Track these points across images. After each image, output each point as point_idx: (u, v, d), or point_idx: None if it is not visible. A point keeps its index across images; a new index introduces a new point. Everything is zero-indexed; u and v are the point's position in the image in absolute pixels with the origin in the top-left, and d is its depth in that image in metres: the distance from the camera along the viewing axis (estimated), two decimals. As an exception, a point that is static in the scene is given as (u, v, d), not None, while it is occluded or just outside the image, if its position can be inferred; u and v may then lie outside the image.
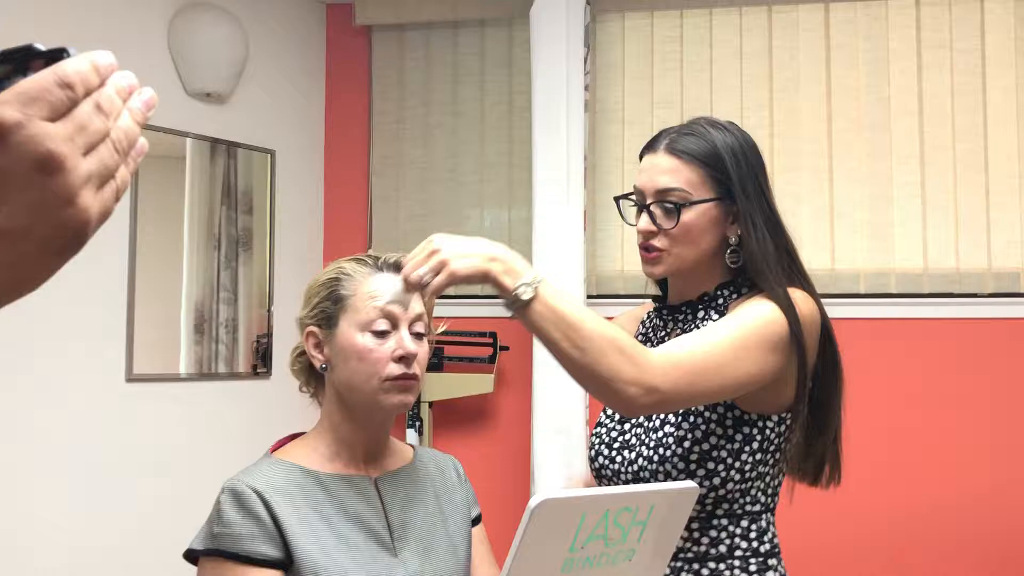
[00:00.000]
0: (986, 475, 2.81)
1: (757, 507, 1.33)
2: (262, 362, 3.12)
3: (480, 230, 3.26)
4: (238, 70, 2.99)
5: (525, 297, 1.17)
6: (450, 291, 1.41)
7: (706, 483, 1.29)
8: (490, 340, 3.07)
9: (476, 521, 1.43)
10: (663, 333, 1.43)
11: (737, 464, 1.30)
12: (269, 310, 3.15)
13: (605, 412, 1.45)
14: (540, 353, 2.98)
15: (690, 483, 1.12)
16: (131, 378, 2.71)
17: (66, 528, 2.53)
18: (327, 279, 1.33)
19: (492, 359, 3.08)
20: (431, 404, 3.10)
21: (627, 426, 1.40)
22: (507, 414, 3.19)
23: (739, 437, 1.30)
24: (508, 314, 1.20)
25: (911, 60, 2.99)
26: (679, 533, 1.10)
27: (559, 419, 2.93)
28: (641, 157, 1.40)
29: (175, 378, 2.82)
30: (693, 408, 1.30)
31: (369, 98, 3.41)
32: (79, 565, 2.55)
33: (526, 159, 3.19)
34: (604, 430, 1.43)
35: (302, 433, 1.36)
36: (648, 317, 1.49)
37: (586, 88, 3.05)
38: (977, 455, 2.82)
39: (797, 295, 1.30)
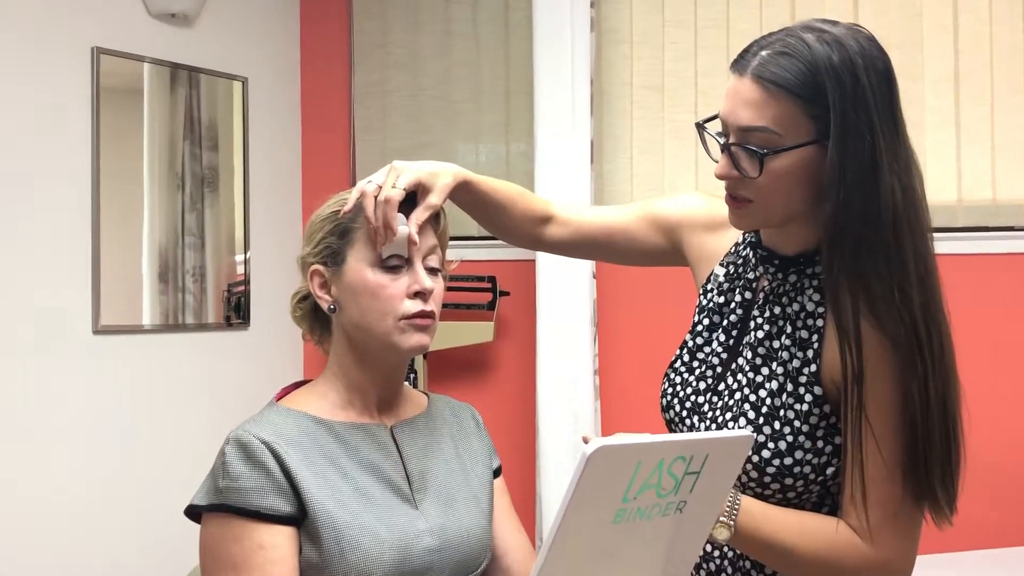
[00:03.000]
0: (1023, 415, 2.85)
1: None
2: (236, 313, 3.10)
3: (476, 164, 3.23)
4: (206, -13, 2.91)
5: (721, 538, 1.14)
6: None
7: (779, 496, 1.20)
8: (489, 285, 3.06)
9: (497, 473, 1.43)
10: (752, 275, 1.28)
11: (820, 479, 1.19)
12: (246, 256, 3.11)
13: (680, 357, 1.34)
14: (544, 298, 2.98)
15: (745, 432, 1.12)
16: (98, 330, 2.69)
17: (35, 487, 2.52)
18: (331, 212, 1.31)
19: (491, 305, 3.06)
20: (425, 355, 3.09)
21: (702, 386, 1.29)
22: (509, 365, 3.19)
23: (828, 449, 1.18)
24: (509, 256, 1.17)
25: (946, -29, 2.96)
26: (731, 484, 1.10)
27: (566, 369, 2.93)
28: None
29: (139, 330, 2.80)
30: (781, 412, 1.18)
31: (350, 18, 3.34)
32: (48, 524, 2.54)
33: (526, 85, 3.15)
34: (680, 379, 1.32)
35: (307, 381, 1.35)
36: (744, 245, 1.32)
37: (591, 5, 2.99)
38: (1012, 397, 2.85)
39: (868, 338, 1.12)
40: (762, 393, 1.21)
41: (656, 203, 1.46)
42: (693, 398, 1.30)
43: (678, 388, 1.32)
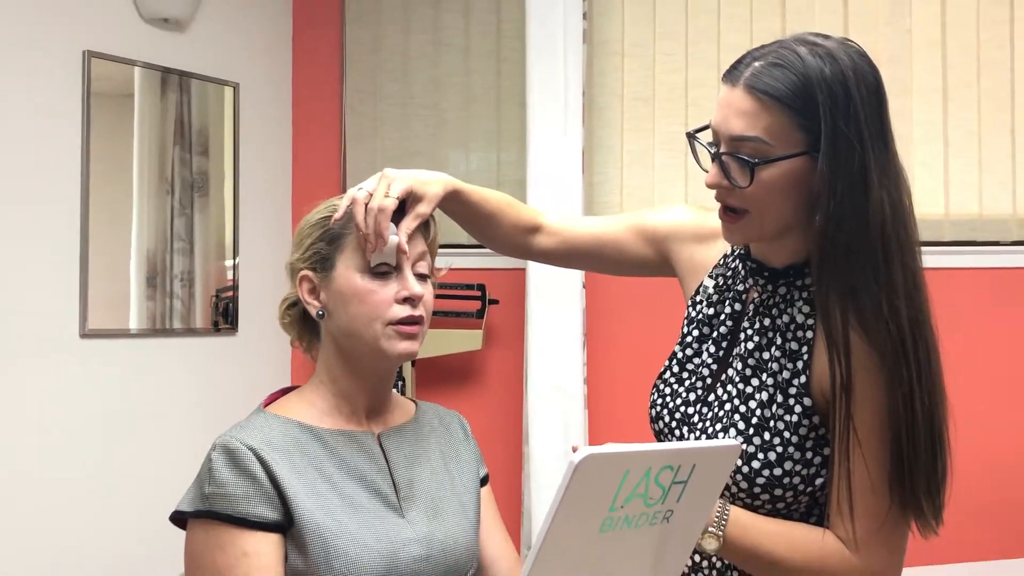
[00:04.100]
0: (1007, 427, 2.85)
1: None
2: (224, 318, 3.09)
3: (466, 172, 3.22)
4: (199, -7, 2.91)
5: (710, 548, 1.15)
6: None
7: (768, 507, 1.20)
8: (478, 293, 3.06)
9: (484, 481, 1.43)
10: (742, 287, 1.29)
11: (809, 490, 1.19)
12: (234, 261, 3.10)
13: (669, 368, 1.34)
14: (534, 307, 2.97)
15: (733, 441, 1.11)
16: (85, 334, 2.68)
17: (20, 490, 2.50)
18: (320, 218, 1.31)
19: (480, 313, 3.06)
20: (413, 363, 3.08)
21: (692, 397, 1.29)
22: (497, 373, 3.19)
23: (817, 460, 1.18)
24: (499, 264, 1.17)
25: (935, -13, 2.98)
26: (718, 494, 1.10)
27: (555, 377, 2.93)
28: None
29: (126, 334, 2.79)
30: (771, 424, 1.19)
31: (342, 25, 3.34)
32: (33, 526, 2.52)
33: (516, 94, 3.16)
34: (669, 390, 1.32)
35: (295, 387, 1.34)
36: (733, 257, 1.33)
37: (584, 16, 3.00)
38: (998, 410, 2.86)
39: (857, 349, 1.12)
40: (752, 404, 1.21)
41: (645, 214, 1.47)
42: (683, 409, 1.30)
43: (667, 399, 1.32)
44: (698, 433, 1.27)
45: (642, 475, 0.95)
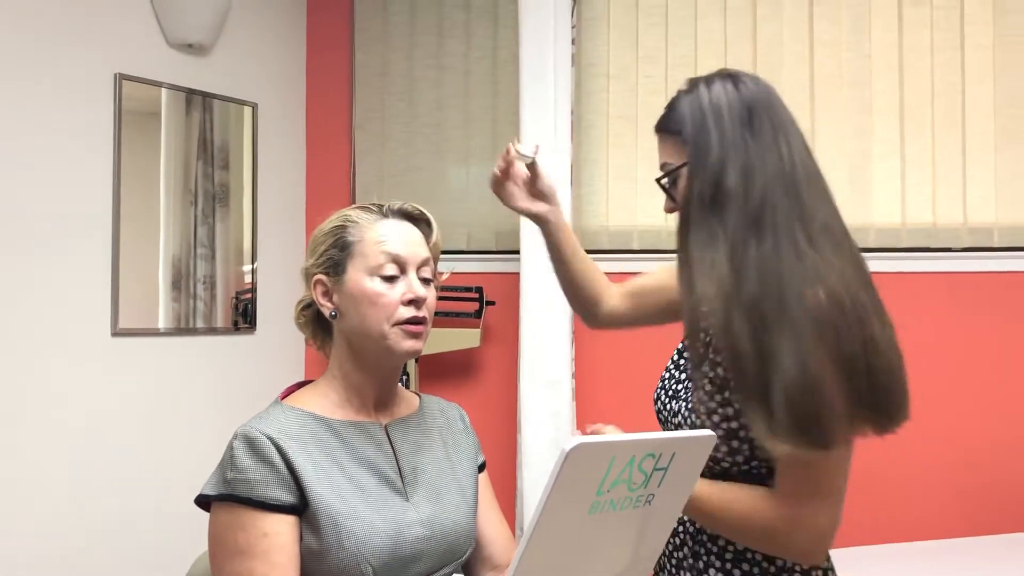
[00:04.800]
0: (962, 428, 2.86)
1: None
2: (243, 318, 3.09)
3: (465, 185, 3.23)
4: (221, 21, 2.91)
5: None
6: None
7: (729, 459, 1.22)
8: (476, 295, 3.05)
9: (481, 468, 1.43)
10: None
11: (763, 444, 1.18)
12: (253, 266, 3.10)
13: (671, 358, 1.38)
14: (527, 307, 2.98)
15: (707, 432, 1.12)
16: (116, 332, 2.68)
17: (57, 476, 2.49)
18: (333, 227, 1.31)
19: (478, 314, 3.06)
20: (417, 359, 3.08)
21: (683, 376, 1.33)
22: (494, 368, 3.19)
23: None
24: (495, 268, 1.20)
25: (892, 16, 2.99)
26: (695, 479, 1.10)
27: (546, 372, 2.93)
28: None
29: (154, 333, 2.79)
30: (731, 382, 1.20)
31: (352, 50, 3.34)
32: (69, 510, 2.51)
33: (511, 113, 3.16)
34: (668, 375, 1.37)
35: (310, 381, 1.34)
36: None
37: (572, 42, 3.01)
38: (952, 407, 2.87)
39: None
40: (719, 370, 1.23)
41: None
42: (675, 386, 1.33)
43: (665, 382, 1.35)
44: (682, 402, 1.29)
45: (627, 462, 0.96)
